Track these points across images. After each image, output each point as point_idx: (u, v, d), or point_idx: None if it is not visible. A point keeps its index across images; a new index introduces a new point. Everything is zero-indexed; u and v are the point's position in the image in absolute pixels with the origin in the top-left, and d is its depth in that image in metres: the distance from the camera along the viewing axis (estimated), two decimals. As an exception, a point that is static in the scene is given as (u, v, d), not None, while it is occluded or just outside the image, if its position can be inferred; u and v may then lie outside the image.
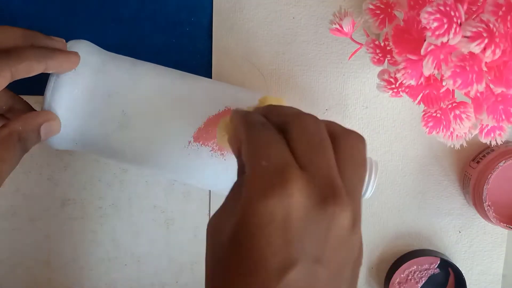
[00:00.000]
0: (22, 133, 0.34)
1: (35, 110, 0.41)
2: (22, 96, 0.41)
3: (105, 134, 0.38)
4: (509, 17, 0.31)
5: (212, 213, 0.50)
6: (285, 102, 0.40)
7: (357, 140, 0.28)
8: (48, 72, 0.36)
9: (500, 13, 0.31)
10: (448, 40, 0.32)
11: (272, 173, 0.24)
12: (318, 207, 0.25)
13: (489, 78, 0.34)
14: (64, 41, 0.39)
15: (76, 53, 0.37)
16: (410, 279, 0.51)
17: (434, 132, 0.39)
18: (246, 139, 0.27)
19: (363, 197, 0.42)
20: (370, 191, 0.41)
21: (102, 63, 0.38)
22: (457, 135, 0.39)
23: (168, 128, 0.38)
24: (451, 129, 0.38)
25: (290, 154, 0.26)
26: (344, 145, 0.28)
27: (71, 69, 0.37)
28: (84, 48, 0.38)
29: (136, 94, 0.38)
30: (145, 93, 0.38)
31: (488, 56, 0.32)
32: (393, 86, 0.38)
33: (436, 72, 0.34)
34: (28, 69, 0.34)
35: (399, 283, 0.51)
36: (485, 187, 0.46)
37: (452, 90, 0.37)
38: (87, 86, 0.37)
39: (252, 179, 0.25)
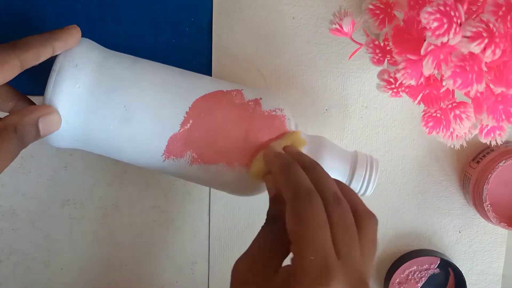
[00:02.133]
0: (19, 126, 0.33)
1: None
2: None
3: (107, 130, 0.38)
4: (509, 17, 0.31)
5: (212, 213, 0.50)
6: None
7: (375, 223, 0.33)
8: (56, 54, 0.36)
9: (500, 13, 0.31)
10: (448, 40, 0.32)
11: (319, 269, 0.28)
12: None
13: (489, 78, 0.34)
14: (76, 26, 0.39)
15: (75, 26, 0.37)
16: (410, 279, 0.51)
17: (434, 132, 0.39)
18: (291, 208, 0.30)
19: (364, 195, 0.42)
20: (370, 189, 0.41)
21: (103, 59, 0.38)
22: (457, 135, 0.39)
23: (169, 124, 0.38)
24: (451, 129, 0.38)
25: (331, 243, 0.29)
26: (367, 229, 0.32)
27: (75, 43, 0.37)
28: (85, 45, 0.38)
29: (138, 89, 0.38)
30: (147, 88, 0.38)
31: (488, 56, 0.32)
32: (393, 86, 0.38)
33: (436, 72, 0.34)
34: (37, 56, 0.34)
35: (399, 283, 0.51)
36: (485, 187, 0.46)
37: (452, 90, 0.37)
38: (88, 81, 0.37)
39: (301, 273, 0.28)
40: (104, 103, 0.37)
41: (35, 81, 0.45)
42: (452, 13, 0.31)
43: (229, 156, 0.38)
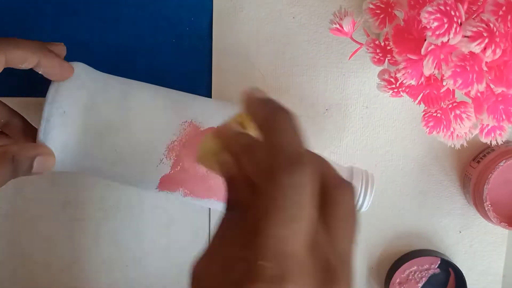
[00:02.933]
0: (16, 156, 0.34)
1: (32, 126, 0.42)
2: (12, 98, 0.41)
3: (99, 168, 0.39)
4: (509, 17, 0.31)
5: (212, 213, 0.50)
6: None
7: (349, 193, 0.27)
8: (38, 70, 0.36)
9: (501, 12, 0.31)
10: (448, 39, 0.32)
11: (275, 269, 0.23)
12: None
13: (489, 78, 0.34)
14: (63, 44, 0.39)
15: (69, 65, 0.37)
16: (411, 279, 0.51)
17: (434, 132, 0.39)
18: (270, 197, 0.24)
19: (359, 211, 0.42)
20: (366, 205, 0.41)
21: (91, 100, 0.37)
22: (457, 135, 0.39)
23: (160, 166, 0.38)
24: (452, 129, 0.38)
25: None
26: (336, 202, 0.26)
27: (62, 78, 0.37)
28: (72, 82, 0.37)
29: (127, 133, 0.37)
30: (136, 130, 0.38)
31: (488, 56, 0.32)
32: (393, 86, 0.38)
33: (436, 72, 0.34)
34: (22, 58, 0.34)
35: (399, 283, 0.51)
36: (485, 187, 0.46)
37: (453, 90, 0.37)
38: (78, 127, 0.37)
39: (256, 275, 0.23)
40: (94, 148, 0.37)
41: (36, 84, 0.45)
42: (453, 13, 0.31)
43: (220, 194, 0.39)
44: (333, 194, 0.26)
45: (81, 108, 0.37)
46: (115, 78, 0.40)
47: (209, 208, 0.50)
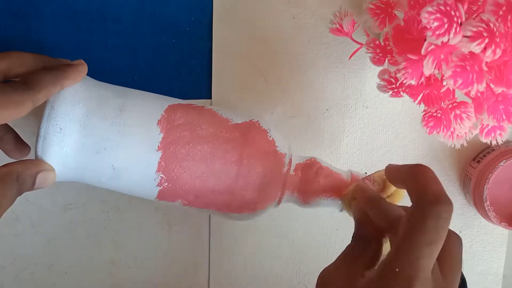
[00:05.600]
0: (21, 175, 0.36)
1: (23, 141, 0.43)
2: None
3: (99, 182, 0.39)
4: (509, 17, 0.31)
5: (212, 215, 0.50)
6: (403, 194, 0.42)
7: (461, 245, 0.34)
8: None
9: (501, 12, 0.31)
10: (448, 40, 0.32)
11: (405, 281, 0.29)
12: None
13: (489, 78, 0.34)
14: (69, 61, 0.39)
15: (83, 63, 0.38)
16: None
17: (434, 132, 0.39)
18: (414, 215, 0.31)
19: None
20: None
21: (87, 115, 0.37)
22: (457, 135, 0.39)
23: (157, 180, 0.39)
24: (452, 129, 0.38)
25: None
26: (452, 249, 0.33)
27: (82, 78, 0.38)
28: (68, 98, 0.37)
29: (124, 148, 0.38)
30: (133, 145, 0.38)
31: (488, 56, 0.32)
32: (394, 86, 0.38)
33: (436, 72, 0.34)
34: (47, 95, 0.36)
35: (399, 283, 0.51)
36: (485, 187, 0.46)
37: (453, 90, 0.37)
38: (74, 143, 0.37)
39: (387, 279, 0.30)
40: (92, 164, 0.38)
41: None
42: (453, 13, 0.31)
43: (217, 207, 0.40)
44: (449, 240, 0.33)
45: (77, 125, 0.37)
46: (110, 90, 0.40)
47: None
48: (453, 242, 0.34)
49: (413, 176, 0.32)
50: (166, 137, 0.38)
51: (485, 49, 0.31)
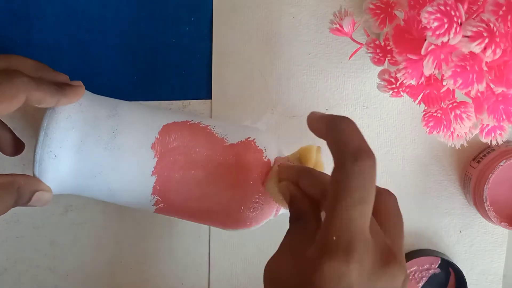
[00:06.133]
0: (21, 188, 0.36)
1: (20, 140, 0.43)
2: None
3: (97, 197, 0.40)
4: (509, 17, 0.31)
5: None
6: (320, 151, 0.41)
7: (395, 198, 0.34)
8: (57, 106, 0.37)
9: (501, 12, 0.31)
10: (448, 39, 0.32)
11: (343, 244, 0.28)
12: (380, 270, 0.29)
13: (489, 77, 0.34)
14: (68, 77, 0.39)
15: (81, 85, 0.38)
16: (411, 279, 0.51)
17: (434, 132, 0.39)
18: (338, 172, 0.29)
19: None
20: None
21: (81, 140, 0.37)
22: (457, 134, 0.39)
23: (151, 201, 0.39)
24: (452, 129, 0.38)
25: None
26: (387, 204, 0.33)
27: (77, 100, 0.38)
28: (62, 123, 0.37)
29: (118, 173, 0.38)
30: (127, 170, 0.38)
31: (488, 56, 0.32)
32: (394, 86, 0.38)
33: (436, 72, 0.34)
34: (41, 99, 0.35)
35: (399, 283, 0.51)
36: (485, 186, 0.46)
37: (453, 90, 0.37)
38: (69, 169, 0.37)
39: (327, 246, 0.28)
40: (88, 186, 0.38)
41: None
42: (453, 13, 0.31)
43: (213, 224, 0.41)
44: (381, 197, 0.32)
45: (72, 150, 0.37)
46: (104, 107, 0.39)
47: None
48: (385, 197, 0.33)
49: (332, 130, 0.30)
50: (160, 162, 0.38)
51: (485, 49, 0.31)
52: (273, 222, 0.50)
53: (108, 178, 0.38)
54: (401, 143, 0.50)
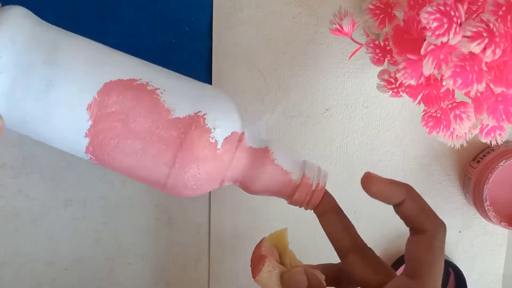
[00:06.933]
0: None
1: None
2: None
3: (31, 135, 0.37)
4: (509, 17, 0.31)
5: (212, 211, 0.50)
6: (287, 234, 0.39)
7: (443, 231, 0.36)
8: None
9: (500, 12, 0.31)
10: (448, 40, 0.32)
11: None
12: None
13: (489, 78, 0.34)
14: None
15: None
16: (411, 279, 0.51)
17: (434, 132, 0.39)
18: None
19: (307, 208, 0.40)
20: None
21: (10, 87, 0.34)
22: (457, 135, 0.39)
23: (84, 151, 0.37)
24: (451, 129, 0.38)
25: None
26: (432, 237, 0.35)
27: None
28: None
29: (51, 126, 0.35)
30: (60, 130, 0.35)
31: (488, 56, 0.32)
32: (393, 86, 0.38)
33: (436, 72, 0.34)
34: None
35: (399, 283, 0.51)
36: (485, 186, 0.46)
37: (452, 90, 0.37)
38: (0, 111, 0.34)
39: None
40: (21, 130, 0.36)
41: None
42: (452, 13, 0.31)
43: (152, 186, 0.38)
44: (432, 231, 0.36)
45: (2, 95, 0.34)
46: (43, 50, 0.35)
47: (209, 206, 0.50)
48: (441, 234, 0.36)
49: (417, 198, 0.35)
50: (94, 126, 0.35)
51: (484, 49, 0.31)
52: (273, 222, 0.50)
53: (41, 128, 0.35)
54: (401, 143, 0.50)
